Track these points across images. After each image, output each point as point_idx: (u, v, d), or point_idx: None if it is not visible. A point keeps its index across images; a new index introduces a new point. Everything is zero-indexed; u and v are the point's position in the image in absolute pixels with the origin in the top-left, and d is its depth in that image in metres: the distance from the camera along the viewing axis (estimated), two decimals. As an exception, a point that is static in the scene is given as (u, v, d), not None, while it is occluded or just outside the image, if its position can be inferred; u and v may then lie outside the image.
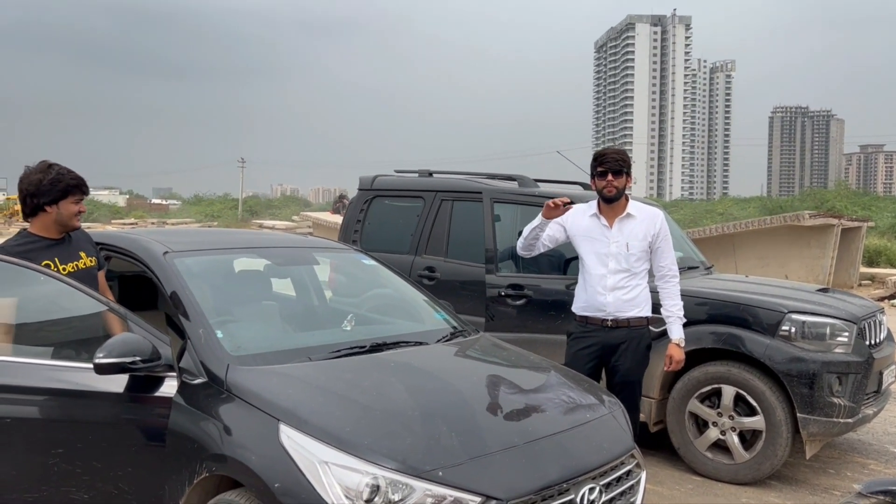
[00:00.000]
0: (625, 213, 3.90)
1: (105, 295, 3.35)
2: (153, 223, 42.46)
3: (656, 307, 4.03)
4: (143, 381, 2.73)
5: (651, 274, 3.99)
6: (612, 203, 3.90)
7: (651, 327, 4.03)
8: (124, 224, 40.60)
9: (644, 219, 3.91)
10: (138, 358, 2.63)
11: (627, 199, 3.96)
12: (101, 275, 3.47)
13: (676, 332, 3.95)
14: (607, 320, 3.86)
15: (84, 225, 3.50)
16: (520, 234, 5.61)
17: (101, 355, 2.57)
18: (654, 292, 4.03)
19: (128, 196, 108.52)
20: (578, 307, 4.01)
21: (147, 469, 2.68)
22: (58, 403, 2.74)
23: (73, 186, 3.16)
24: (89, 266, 3.32)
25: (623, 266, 3.86)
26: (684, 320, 3.98)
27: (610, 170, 3.84)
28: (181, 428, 2.62)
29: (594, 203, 4.03)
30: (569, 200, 3.85)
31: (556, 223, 4.04)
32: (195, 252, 3.42)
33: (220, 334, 2.86)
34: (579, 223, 4.00)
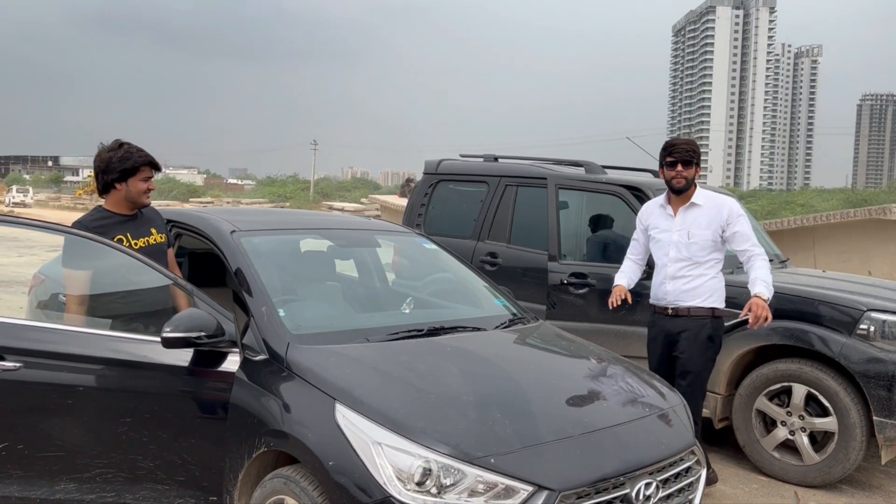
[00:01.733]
0: (689, 203, 3.86)
1: (173, 271, 3.46)
2: (228, 202, 43.73)
3: (733, 301, 3.93)
4: (208, 356, 2.81)
5: (731, 265, 3.94)
6: (680, 194, 3.88)
7: (721, 319, 3.90)
8: (201, 203, 41.97)
9: (710, 207, 3.83)
10: (203, 333, 2.71)
11: (695, 188, 3.90)
12: (171, 252, 3.58)
13: (759, 287, 3.60)
14: (668, 308, 3.87)
15: (162, 203, 3.61)
16: (591, 223, 5.55)
17: (168, 329, 2.66)
18: (730, 285, 3.94)
19: (205, 176, 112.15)
20: (651, 297, 4.06)
21: (209, 441, 2.76)
22: (126, 374, 2.84)
23: (142, 164, 3.25)
24: (159, 242, 3.43)
25: (684, 255, 3.82)
26: (772, 290, 3.63)
27: (680, 160, 3.81)
28: (242, 403, 2.69)
29: (664, 195, 4.05)
30: (623, 298, 3.98)
31: (640, 226, 4.14)
32: (261, 232, 3.49)
33: (282, 313, 2.92)
34: (651, 218, 4.05)
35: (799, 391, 4.32)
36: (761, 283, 3.64)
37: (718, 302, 3.85)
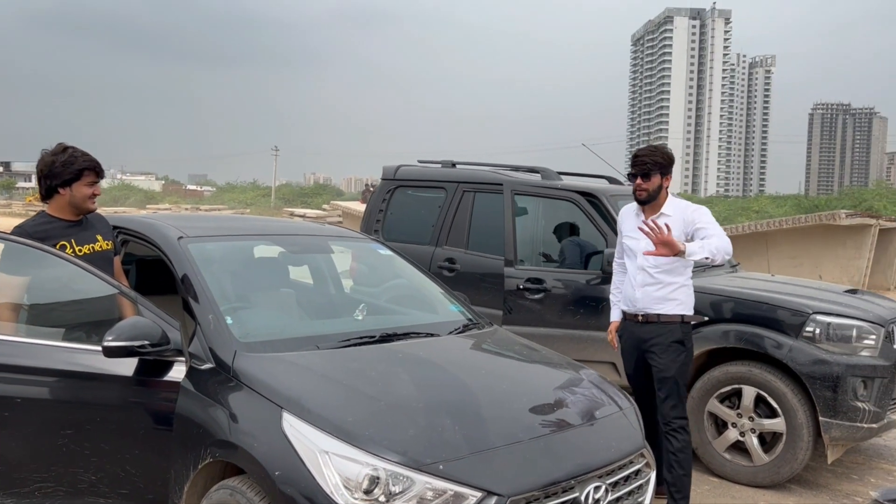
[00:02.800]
0: (659, 213, 3.73)
1: (119, 279, 3.38)
2: (187, 209, 43.06)
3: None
4: (152, 365, 2.75)
5: (694, 273, 3.83)
6: (643, 205, 3.80)
7: (690, 325, 3.79)
8: (158, 209, 41.25)
9: (678, 217, 3.70)
10: (147, 342, 2.65)
11: (666, 198, 3.76)
12: (118, 259, 3.50)
13: (692, 243, 3.54)
14: (638, 315, 3.80)
15: (119, 210, 3.53)
16: (556, 231, 5.57)
17: (109, 338, 2.59)
18: (698, 292, 3.90)
19: (163, 182, 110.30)
20: (622, 301, 3.97)
21: (154, 452, 2.70)
22: (67, 385, 2.76)
23: (86, 169, 3.17)
24: (105, 249, 3.35)
25: (651, 262, 3.72)
26: (702, 254, 3.48)
27: (638, 173, 3.72)
28: (188, 413, 2.64)
29: None
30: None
31: (619, 230, 4.02)
32: (210, 238, 3.43)
33: (229, 320, 2.87)
34: (626, 222, 3.96)
35: (749, 393, 4.39)
36: (699, 242, 3.54)
37: (687, 309, 3.77)
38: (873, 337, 4.28)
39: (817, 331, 4.27)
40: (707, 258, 3.52)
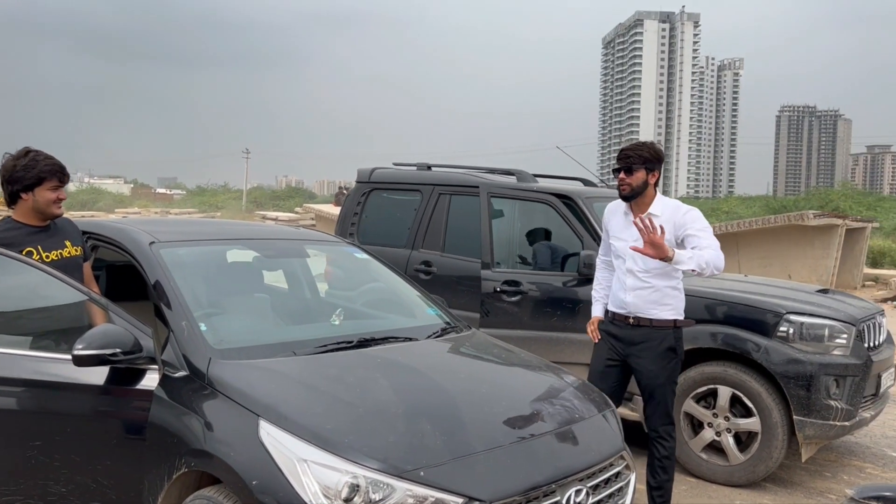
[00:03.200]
0: (647, 213, 3.53)
1: (89, 285, 3.30)
2: (157, 212, 42.46)
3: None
4: (124, 374, 2.68)
5: (686, 274, 3.62)
6: (627, 201, 3.65)
7: (681, 330, 3.68)
8: (128, 213, 40.62)
9: (668, 217, 3.54)
10: (119, 350, 2.58)
11: (654, 196, 3.63)
12: (87, 265, 3.41)
13: (682, 251, 3.39)
14: (629, 318, 3.64)
15: (86, 214, 3.44)
16: (532, 234, 5.57)
17: (79, 347, 2.52)
18: (689, 295, 3.78)
19: (132, 185, 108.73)
20: (609, 301, 3.81)
21: (126, 463, 2.63)
22: (36, 395, 2.69)
23: (48, 173, 3.09)
24: (74, 255, 3.27)
25: (640, 266, 3.58)
26: (691, 262, 3.34)
27: (622, 167, 3.59)
28: (161, 422, 2.58)
29: None
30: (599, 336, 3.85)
31: (604, 228, 3.88)
32: (182, 242, 3.36)
33: (203, 327, 2.82)
34: (613, 221, 3.80)
35: (724, 393, 4.43)
36: (691, 251, 3.40)
37: (679, 313, 3.66)
38: (845, 336, 4.34)
39: (791, 330, 4.32)
40: (694, 271, 3.37)
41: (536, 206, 5.46)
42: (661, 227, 3.30)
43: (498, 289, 5.22)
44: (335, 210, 22.87)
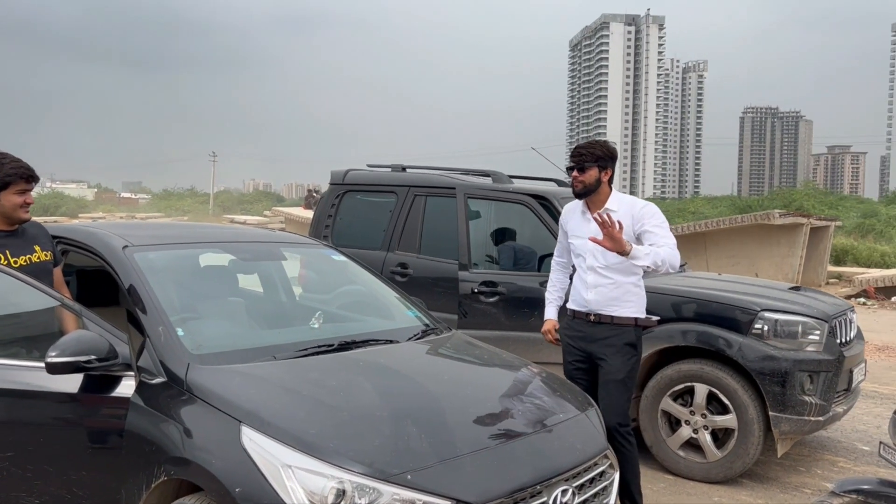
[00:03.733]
0: (603, 208, 3.58)
1: (61, 291, 3.22)
2: (122, 217, 41.79)
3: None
4: (99, 381, 2.61)
5: (645, 271, 3.66)
6: (580, 198, 3.68)
7: (641, 328, 3.69)
8: (92, 218, 39.88)
9: (624, 213, 3.56)
10: (93, 357, 2.51)
11: (609, 193, 3.65)
12: (58, 270, 3.33)
13: (641, 246, 3.42)
14: (590, 315, 3.66)
15: (49, 220, 3.35)
16: (499, 231, 5.58)
17: (53, 354, 2.45)
18: (649, 292, 3.80)
19: (96, 190, 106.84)
20: (570, 300, 3.82)
21: (102, 473, 2.56)
22: (7, 404, 2.60)
23: (15, 176, 3.01)
24: (44, 260, 3.18)
25: (601, 262, 3.60)
26: (647, 261, 3.36)
27: (575, 165, 3.61)
28: (139, 430, 2.51)
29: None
30: (555, 337, 3.93)
31: (561, 229, 3.89)
32: (156, 246, 3.29)
33: (180, 332, 2.76)
34: (571, 221, 3.80)
35: (701, 390, 4.47)
36: (648, 247, 3.40)
37: (641, 311, 3.67)
38: (818, 332, 4.41)
39: (765, 328, 4.37)
40: (650, 267, 3.40)
41: (513, 206, 5.46)
42: (620, 223, 3.32)
43: (475, 290, 5.22)
44: (305, 213, 22.71)
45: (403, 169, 6.26)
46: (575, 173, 3.63)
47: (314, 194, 24.61)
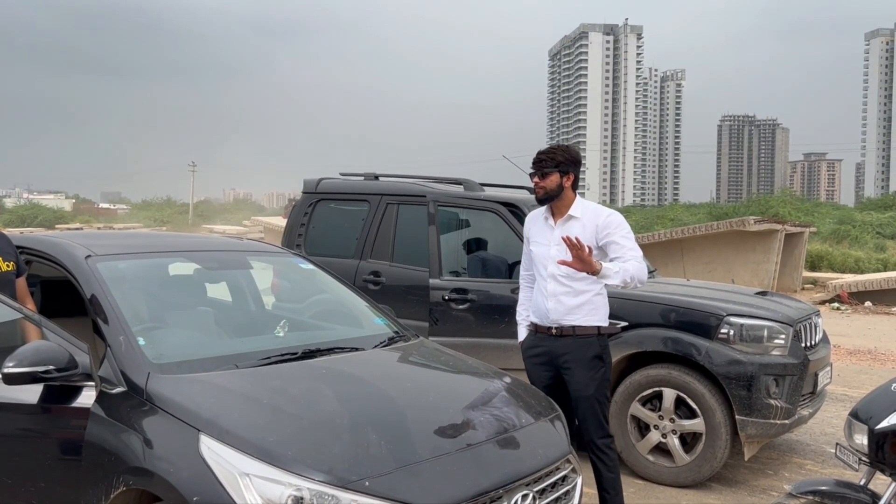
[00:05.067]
0: (567, 215, 3.54)
1: (24, 301, 3.20)
2: (99, 228, 41.36)
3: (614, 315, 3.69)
4: (59, 392, 2.60)
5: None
6: (543, 203, 3.59)
7: (606, 337, 3.60)
8: (69, 229, 39.44)
9: (588, 219, 3.51)
10: (52, 367, 2.50)
11: (573, 199, 3.57)
12: (22, 280, 3.31)
13: (610, 264, 3.35)
14: (551, 328, 3.54)
15: (25, 231, 3.33)
16: (470, 239, 5.61)
17: (10, 364, 2.43)
18: (616, 297, 3.67)
19: (74, 200, 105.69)
20: (531, 313, 3.71)
21: (61, 484, 2.55)
22: (-37, 416, 2.58)
23: None
24: (5, 270, 3.16)
25: (563, 271, 3.46)
26: (616, 276, 3.31)
27: (536, 171, 3.54)
28: (98, 440, 2.50)
29: (548, 205, 3.66)
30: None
31: (525, 237, 3.79)
32: (119, 256, 3.28)
33: (141, 341, 2.75)
34: (534, 228, 3.71)
35: (669, 395, 4.51)
36: (618, 265, 3.34)
37: (603, 319, 3.56)
38: (783, 336, 4.47)
39: (731, 332, 4.43)
40: (619, 286, 3.35)
41: (483, 214, 5.50)
42: (590, 248, 3.26)
43: (446, 297, 5.24)
44: (284, 222, 22.63)
45: (376, 177, 6.28)
46: (536, 179, 3.54)
47: (293, 203, 24.53)
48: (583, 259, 3.23)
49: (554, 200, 3.55)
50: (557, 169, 3.50)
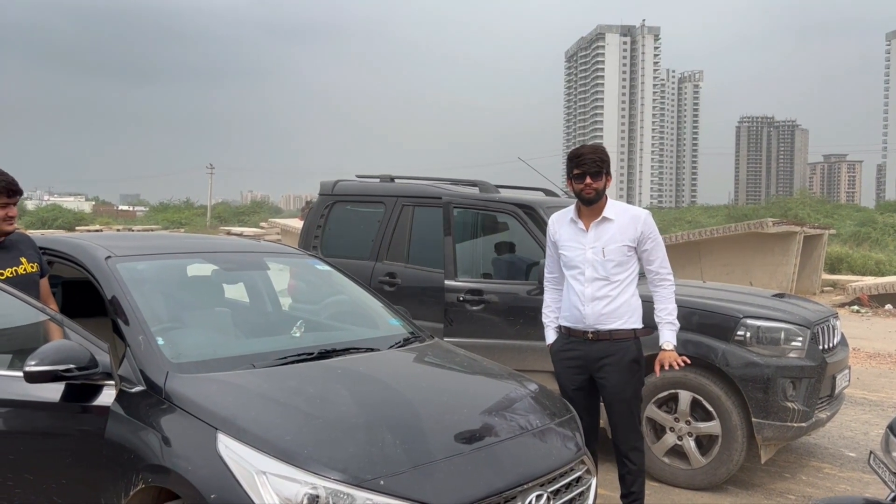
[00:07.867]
0: (601, 217, 3.50)
1: (47, 302, 3.25)
2: (119, 229, 41.78)
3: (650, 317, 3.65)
4: (80, 390, 2.64)
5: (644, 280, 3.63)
6: (590, 205, 3.52)
7: (640, 340, 3.60)
8: (89, 230, 39.88)
9: (624, 222, 3.49)
10: (73, 366, 2.54)
11: (606, 200, 3.56)
12: (44, 281, 3.36)
13: (664, 336, 3.57)
14: (588, 332, 3.51)
15: (46, 232, 3.39)
16: (495, 243, 5.62)
17: (32, 363, 2.48)
18: (649, 302, 3.65)
19: (94, 203, 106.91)
20: (562, 317, 3.66)
21: (82, 481, 2.59)
22: (-12, 413, 2.63)
23: None
24: (30, 272, 3.22)
25: (601, 274, 3.47)
26: (678, 325, 3.62)
27: (588, 172, 3.43)
28: (118, 438, 2.54)
29: (573, 207, 3.65)
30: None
31: (550, 241, 3.74)
32: (139, 257, 3.33)
33: (160, 341, 2.79)
34: (560, 232, 3.65)
35: (685, 397, 4.50)
36: (668, 328, 3.57)
37: (638, 322, 3.56)
38: (800, 339, 4.44)
39: (748, 334, 4.41)
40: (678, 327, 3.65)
41: (499, 216, 5.51)
42: (680, 362, 3.60)
43: (461, 298, 5.25)
44: (300, 224, 22.73)
45: (392, 179, 6.32)
46: (588, 180, 3.44)
47: (310, 205, 24.64)
48: (674, 363, 3.57)
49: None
50: (605, 170, 3.50)
